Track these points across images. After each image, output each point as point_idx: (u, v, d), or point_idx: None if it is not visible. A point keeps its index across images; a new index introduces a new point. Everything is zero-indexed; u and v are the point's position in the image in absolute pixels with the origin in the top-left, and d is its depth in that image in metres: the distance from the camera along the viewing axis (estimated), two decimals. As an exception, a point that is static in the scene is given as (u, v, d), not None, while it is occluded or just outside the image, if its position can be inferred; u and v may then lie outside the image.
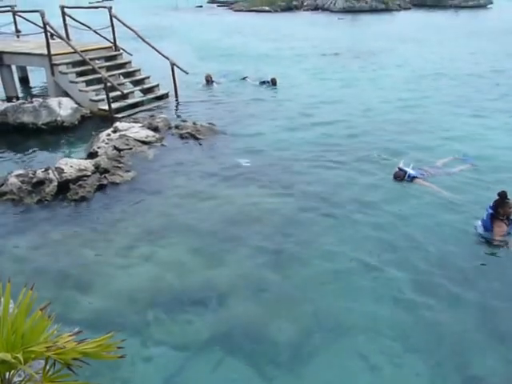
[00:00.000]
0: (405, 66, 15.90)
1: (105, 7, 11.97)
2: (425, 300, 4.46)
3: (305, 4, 49.67)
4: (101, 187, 6.91)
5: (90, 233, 5.77)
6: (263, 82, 13.44)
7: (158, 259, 5.22)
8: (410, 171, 6.79)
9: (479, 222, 5.51)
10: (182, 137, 8.88)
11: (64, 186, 6.76)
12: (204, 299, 4.55)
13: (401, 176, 6.80)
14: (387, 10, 43.67)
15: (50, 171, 6.88)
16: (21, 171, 7.01)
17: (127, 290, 4.72)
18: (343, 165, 7.56)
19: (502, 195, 5.33)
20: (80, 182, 6.81)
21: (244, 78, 14.19)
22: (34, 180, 6.73)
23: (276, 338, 4.07)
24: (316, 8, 47.59)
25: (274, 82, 13.23)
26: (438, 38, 23.42)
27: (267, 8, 48.10)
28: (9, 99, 11.58)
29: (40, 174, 6.83)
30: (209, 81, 13.59)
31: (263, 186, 6.95)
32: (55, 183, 6.74)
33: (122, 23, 11.81)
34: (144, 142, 8.34)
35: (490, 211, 5.34)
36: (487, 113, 10.23)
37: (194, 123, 9.30)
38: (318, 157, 7.92)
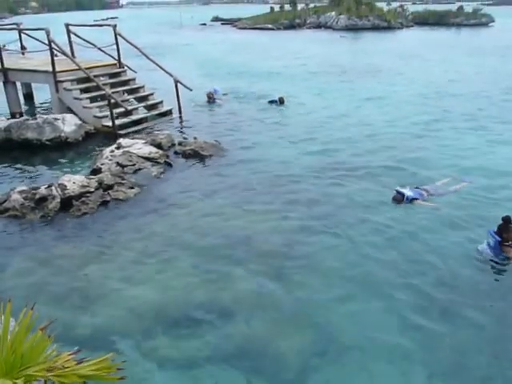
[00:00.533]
0: (410, 85, 15.92)
1: (109, 25, 12.14)
2: (432, 323, 4.37)
3: (307, 22, 50.47)
4: (104, 203, 6.91)
5: (92, 250, 5.73)
6: (272, 101, 13.32)
7: (160, 277, 5.17)
8: (408, 193, 6.65)
9: (484, 246, 5.38)
10: (185, 153, 8.89)
11: (67, 203, 6.76)
12: (207, 318, 4.49)
13: (399, 199, 6.67)
14: (389, 27, 44.22)
15: (52, 188, 6.88)
16: (24, 187, 7.01)
17: (129, 308, 4.66)
18: (346, 185, 7.46)
19: (506, 220, 5.24)
20: (83, 199, 6.81)
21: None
22: (37, 196, 6.72)
23: (279, 358, 4.00)
24: (318, 26, 48.38)
25: (281, 101, 13.18)
26: (442, 55, 23.66)
27: (270, 26, 48.94)
28: (13, 115, 11.69)
29: (43, 190, 6.83)
30: (210, 98, 13.50)
31: (267, 204, 6.91)
32: (58, 200, 6.74)
33: (127, 41, 11.96)
34: (147, 159, 8.35)
35: (498, 238, 5.22)
36: (494, 134, 10.10)
37: (198, 140, 9.33)
38: (321, 177, 7.85)
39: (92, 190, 7.02)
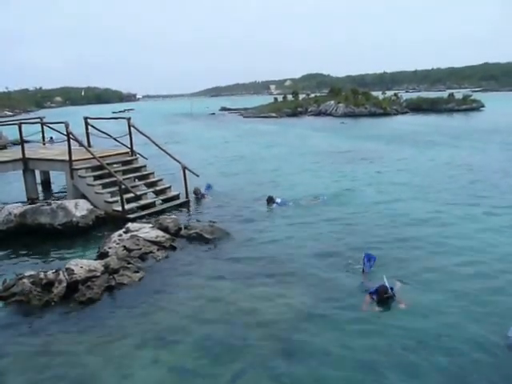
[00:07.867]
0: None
1: (124, 118, 13.10)
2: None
3: (309, 110, 53.50)
4: (109, 288, 7.01)
5: (94, 337, 5.70)
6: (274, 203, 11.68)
7: (162, 365, 5.10)
8: (391, 286, 6.34)
9: None
10: (190, 237, 9.12)
11: (73, 287, 6.87)
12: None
13: (388, 294, 6.27)
14: (385, 114, 46.65)
15: (60, 272, 7.04)
16: (32, 272, 7.15)
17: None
18: (346, 273, 7.36)
19: None
20: (88, 283, 6.92)
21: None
22: (44, 281, 6.84)
23: None
24: (319, 113, 51.30)
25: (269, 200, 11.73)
26: (440, 140, 24.64)
27: (274, 114, 51.90)
28: (29, 201, 12.22)
29: (50, 275, 6.97)
30: (197, 193, 12.78)
31: (273, 286, 6.94)
32: (64, 284, 6.86)
33: (139, 131, 12.82)
34: (154, 242, 8.58)
35: None
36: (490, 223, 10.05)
37: (203, 223, 9.61)
38: (326, 263, 7.78)
39: (98, 274, 7.16)
